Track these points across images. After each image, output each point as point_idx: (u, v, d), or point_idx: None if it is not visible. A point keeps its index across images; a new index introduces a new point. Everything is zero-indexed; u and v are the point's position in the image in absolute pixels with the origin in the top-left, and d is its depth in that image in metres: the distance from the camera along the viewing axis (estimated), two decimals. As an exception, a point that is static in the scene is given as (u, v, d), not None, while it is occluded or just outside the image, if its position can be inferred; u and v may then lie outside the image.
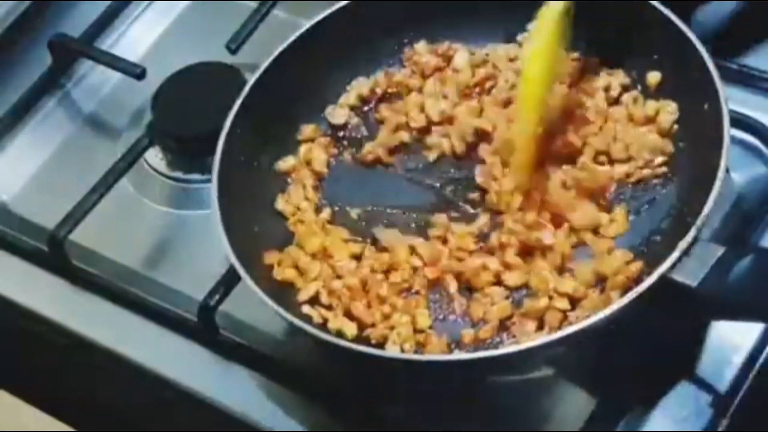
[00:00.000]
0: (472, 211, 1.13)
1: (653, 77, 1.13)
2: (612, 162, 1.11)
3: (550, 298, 1.03)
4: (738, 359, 1.04)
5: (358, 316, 1.06)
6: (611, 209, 1.09)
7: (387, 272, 1.09)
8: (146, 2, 1.42)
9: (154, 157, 1.28)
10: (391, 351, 1.02)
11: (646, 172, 1.10)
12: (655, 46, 1.13)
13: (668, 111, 1.10)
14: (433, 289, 1.08)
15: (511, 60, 1.20)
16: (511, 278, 1.06)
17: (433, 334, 1.05)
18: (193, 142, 1.26)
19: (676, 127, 1.11)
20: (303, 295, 1.08)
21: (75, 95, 1.37)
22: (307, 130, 1.20)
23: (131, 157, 1.23)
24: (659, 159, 1.10)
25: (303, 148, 1.20)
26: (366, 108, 1.22)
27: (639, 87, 1.15)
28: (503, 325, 1.05)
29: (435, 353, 1.03)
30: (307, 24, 1.21)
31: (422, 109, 1.19)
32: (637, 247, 1.06)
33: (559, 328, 1.02)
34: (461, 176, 1.15)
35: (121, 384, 1.17)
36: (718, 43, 1.17)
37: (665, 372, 1.04)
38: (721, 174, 1.00)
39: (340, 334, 1.05)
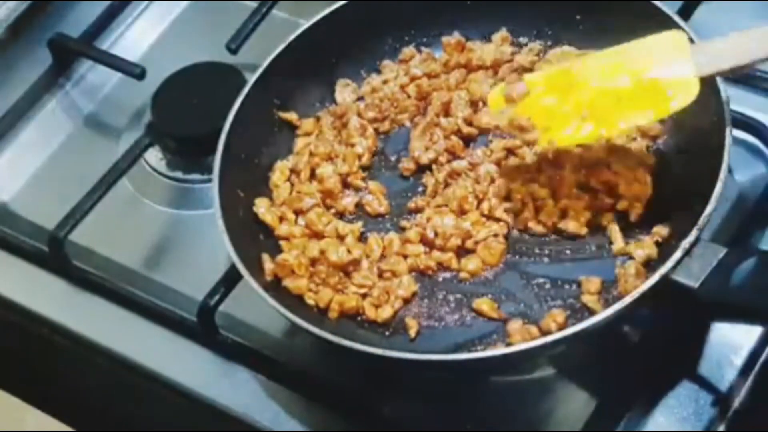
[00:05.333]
0: None
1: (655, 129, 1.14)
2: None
3: None
4: (738, 360, 1.04)
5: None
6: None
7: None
8: (146, 2, 1.42)
9: (154, 157, 1.28)
10: (393, 352, 1.02)
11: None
12: (655, 47, 1.13)
13: None
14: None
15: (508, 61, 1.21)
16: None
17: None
18: (193, 142, 1.26)
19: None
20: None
21: (75, 95, 1.37)
22: (307, 124, 1.20)
23: (131, 157, 1.23)
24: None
25: (300, 142, 1.20)
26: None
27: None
28: None
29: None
30: (306, 24, 1.21)
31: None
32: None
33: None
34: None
35: (121, 384, 1.17)
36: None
37: (666, 372, 1.04)
38: (722, 175, 1.00)
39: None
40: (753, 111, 1.16)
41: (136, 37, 1.41)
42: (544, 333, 1.02)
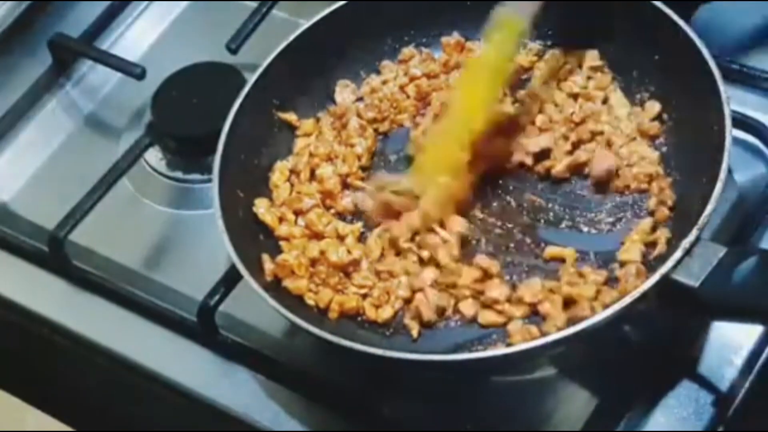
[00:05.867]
0: None
1: (652, 106, 1.14)
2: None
3: None
4: (738, 359, 1.04)
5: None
6: None
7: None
8: (146, 2, 1.42)
9: (154, 157, 1.28)
10: (393, 352, 1.02)
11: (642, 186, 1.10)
12: (656, 47, 1.13)
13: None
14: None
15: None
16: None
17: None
18: (193, 142, 1.26)
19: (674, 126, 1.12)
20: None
21: (75, 95, 1.37)
22: (306, 125, 1.20)
23: (131, 157, 1.23)
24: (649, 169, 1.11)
25: (300, 143, 1.20)
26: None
27: (641, 88, 1.15)
28: None
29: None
30: (306, 24, 1.21)
31: None
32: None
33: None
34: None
35: (121, 384, 1.17)
36: (718, 43, 1.17)
37: (666, 372, 1.04)
38: (722, 175, 1.00)
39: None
40: (753, 111, 1.16)
41: (136, 37, 1.41)
42: (544, 333, 1.02)
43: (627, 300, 0.96)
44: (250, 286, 1.04)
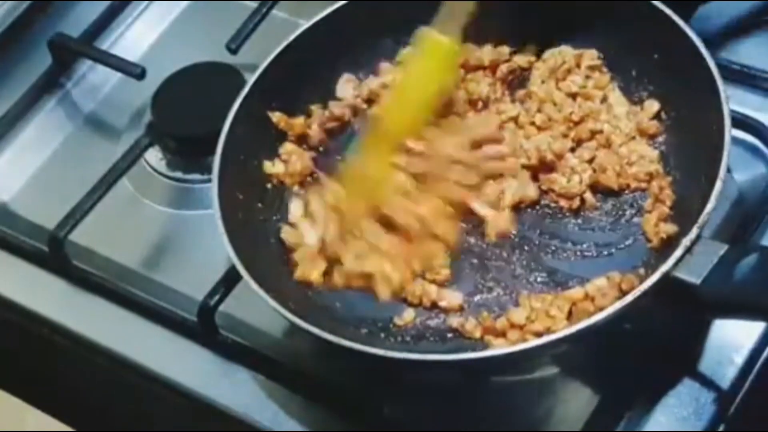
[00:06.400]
0: None
1: (651, 105, 1.14)
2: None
3: None
4: (739, 359, 1.04)
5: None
6: None
7: None
8: (146, 2, 1.43)
9: (154, 157, 1.28)
10: (393, 352, 1.02)
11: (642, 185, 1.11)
12: (656, 46, 1.13)
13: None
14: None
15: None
16: None
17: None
18: (193, 142, 1.26)
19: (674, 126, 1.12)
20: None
21: (75, 95, 1.37)
22: (297, 124, 1.20)
23: (131, 157, 1.23)
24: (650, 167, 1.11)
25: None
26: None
27: (640, 87, 1.15)
28: None
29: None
30: (306, 24, 1.21)
31: None
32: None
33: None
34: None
35: (121, 384, 1.17)
36: (718, 43, 1.17)
37: (666, 371, 1.04)
38: (722, 174, 1.00)
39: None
40: (753, 111, 1.16)
41: (136, 37, 1.41)
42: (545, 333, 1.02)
43: (628, 299, 0.96)
44: (250, 286, 1.04)
